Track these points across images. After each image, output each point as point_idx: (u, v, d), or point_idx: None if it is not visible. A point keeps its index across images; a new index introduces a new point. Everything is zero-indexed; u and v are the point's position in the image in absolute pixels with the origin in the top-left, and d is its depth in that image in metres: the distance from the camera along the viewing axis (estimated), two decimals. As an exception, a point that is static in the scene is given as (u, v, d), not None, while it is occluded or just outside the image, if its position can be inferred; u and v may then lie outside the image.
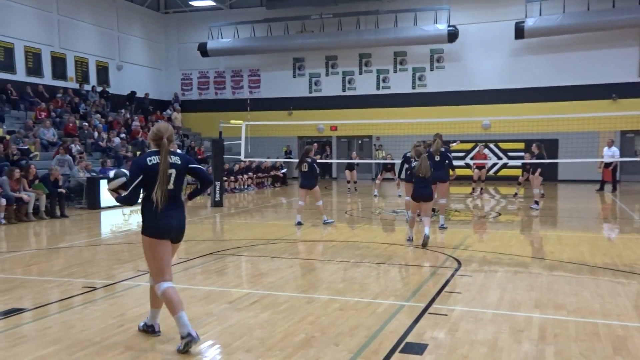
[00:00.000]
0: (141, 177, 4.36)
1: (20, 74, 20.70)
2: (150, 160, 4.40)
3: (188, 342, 4.22)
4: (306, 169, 11.36)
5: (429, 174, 8.90)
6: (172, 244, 4.57)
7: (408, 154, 11.47)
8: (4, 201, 11.88)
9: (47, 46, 22.04)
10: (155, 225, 4.41)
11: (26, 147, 15.63)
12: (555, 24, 22.63)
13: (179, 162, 4.49)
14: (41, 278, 6.96)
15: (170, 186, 4.43)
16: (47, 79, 21.90)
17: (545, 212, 13.72)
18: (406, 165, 11.06)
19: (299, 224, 11.38)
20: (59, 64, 22.61)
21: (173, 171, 4.43)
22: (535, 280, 6.72)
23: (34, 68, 21.46)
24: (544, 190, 15.85)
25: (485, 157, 19.85)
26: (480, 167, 18.65)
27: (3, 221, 11.85)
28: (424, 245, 8.75)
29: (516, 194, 17.75)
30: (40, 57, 21.77)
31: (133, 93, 25.48)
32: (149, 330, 4.72)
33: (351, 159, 19.98)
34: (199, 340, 4.31)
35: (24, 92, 19.88)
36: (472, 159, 19.94)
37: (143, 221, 4.47)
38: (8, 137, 16.16)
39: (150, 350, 4.35)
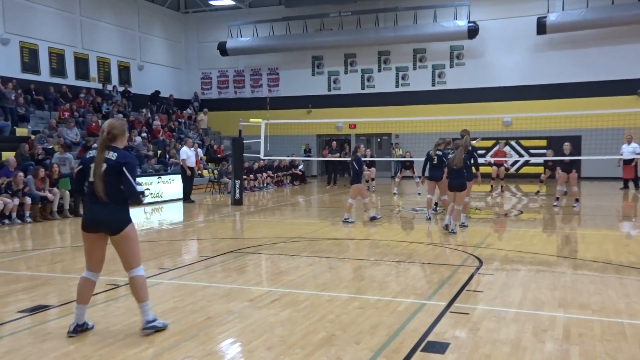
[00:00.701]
0: (80, 167, 4.67)
1: (45, 75, 21.08)
2: (89, 153, 4.66)
3: (72, 336, 4.55)
4: (437, 162, 11.37)
5: (460, 165, 9.62)
6: (110, 236, 4.61)
7: (431, 152, 11.41)
8: (29, 200, 12.11)
9: (70, 47, 22.40)
10: (83, 217, 4.72)
11: (50, 147, 15.91)
12: (579, 19, 22.24)
13: (113, 159, 4.48)
14: (65, 275, 7.08)
15: (99, 181, 4.43)
16: (71, 79, 22.27)
17: (569, 210, 13.50)
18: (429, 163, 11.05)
19: (373, 218, 11.55)
20: (81, 64, 22.97)
21: (104, 166, 4.44)
22: (559, 279, 6.62)
23: (58, 69, 21.84)
24: (567, 189, 15.59)
25: (504, 155, 19.57)
26: (498, 165, 18.40)
27: (29, 219, 12.08)
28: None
29: (538, 191, 17.51)
30: (64, 58, 22.14)
31: (157, 92, 25.76)
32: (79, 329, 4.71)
33: (365, 156, 19.83)
34: (74, 335, 4.56)
35: (48, 93, 20.23)
36: (491, 156, 19.68)
37: None
38: (33, 137, 16.47)
39: (173, 347, 4.40)
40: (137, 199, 4.63)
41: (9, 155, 13.88)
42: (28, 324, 5.06)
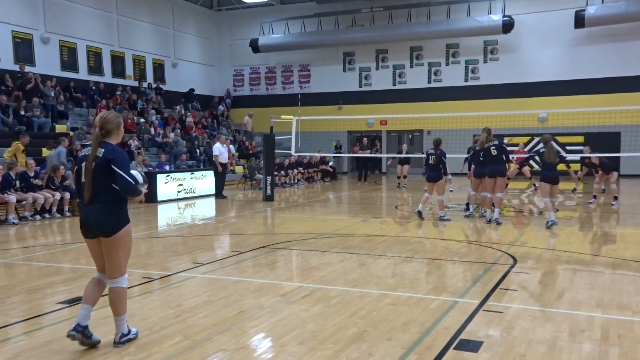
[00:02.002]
0: (76, 167, 4.39)
1: (83, 73, 21.65)
2: (83, 151, 4.39)
3: (71, 334, 4.19)
4: (433, 162, 11.22)
5: (556, 160, 9.81)
6: (103, 238, 4.25)
7: (477, 148, 11.23)
8: (67, 194, 12.47)
9: (107, 45, 22.95)
10: (79, 219, 4.39)
11: (88, 143, 16.32)
12: (619, 12, 21.57)
13: (100, 156, 4.18)
14: (103, 268, 7.25)
15: (88, 180, 4.18)
16: (107, 77, 22.81)
17: (607, 208, 13.13)
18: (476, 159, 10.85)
19: (419, 212, 11.38)
20: (118, 62, 23.50)
21: (93, 165, 4.17)
22: (597, 278, 6.45)
23: (95, 67, 22.39)
24: (605, 186, 15.15)
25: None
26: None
27: (68, 214, 12.44)
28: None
29: (575, 189, 17.07)
30: (101, 56, 22.70)
31: (191, 90, 26.14)
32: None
33: (401, 152, 19.66)
34: (73, 333, 4.19)
35: (87, 89, 20.75)
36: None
37: None
38: (72, 133, 16.94)
39: (207, 340, 4.46)
40: (134, 191, 4.23)
41: (49, 152, 14.30)
42: (67, 315, 5.21)
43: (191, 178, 16.77)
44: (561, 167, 10.37)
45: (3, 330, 4.78)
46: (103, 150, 4.20)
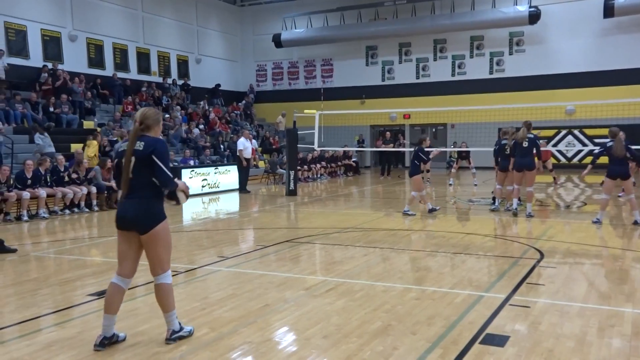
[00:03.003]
0: (116, 161, 4.32)
1: (109, 70, 22.00)
2: (121, 147, 4.35)
3: (98, 349, 4.14)
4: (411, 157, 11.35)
5: (623, 153, 9.32)
6: (140, 235, 4.16)
7: (503, 142, 11.09)
8: (94, 189, 12.71)
9: (132, 42, 23.28)
10: (116, 213, 4.27)
11: (115, 139, 16.60)
12: (650, 0, 20.96)
13: (141, 149, 4.08)
14: (130, 261, 7.39)
15: (130, 174, 4.09)
16: (133, 73, 23.14)
17: (637, 201, 12.80)
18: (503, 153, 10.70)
19: (432, 210, 11.36)
20: (143, 59, 23.82)
21: (133, 159, 4.09)
22: (627, 273, 6.32)
23: (121, 63, 22.73)
24: (635, 179, 14.79)
25: (548, 153, 18.10)
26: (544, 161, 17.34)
27: (96, 208, 12.69)
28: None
29: (603, 182, 16.68)
30: (127, 53, 23.03)
31: (217, 86, 26.34)
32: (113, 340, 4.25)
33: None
34: (100, 349, 4.13)
35: (114, 85, 21.09)
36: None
37: None
38: (99, 129, 17.24)
39: (233, 332, 4.51)
40: (171, 184, 4.12)
41: (77, 147, 14.59)
42: (96, 307, 5.32)
43: (215, 173, 16.92)
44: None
45: (35, 322, 4.91)
46: (143, 143, 4.12)
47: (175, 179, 4.20)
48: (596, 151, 10.03)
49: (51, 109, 17.11)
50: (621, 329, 4.46)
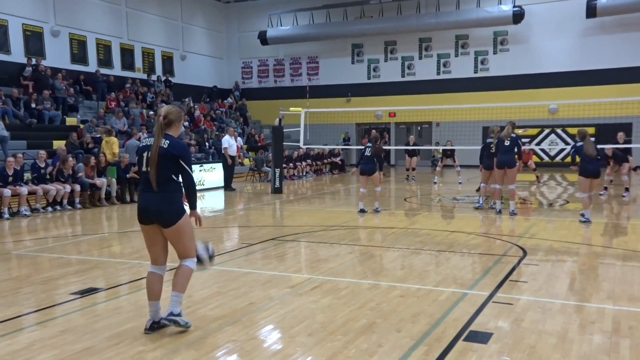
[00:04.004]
0: (138, 156, 4.49)
1: (93, 66, 21.72)
2: (144, 141, 4.49)
3: (148, 333, 4.36)
4: (369, 154, 11.16)
5: (595, 153, 9.56)
6: (163, 229, 4.36)
7: (488, 141, 11.17)
8: (78, 187, 12.57)
9: (116, 38, 23.02)
10: (137, 207, 4.44)
11: (98, 136, 16.41)
12: (632, 1, 21.29)
13: (165, 147, 4.29)
14: (114, 260, 7.33)
15: (153, 169, 4.27)
16: (117, 69, 22.88)
17: (618, 199, 13.03)
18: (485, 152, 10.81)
19: (362, 211, 11.32)
20: (127, 55, 23.57)
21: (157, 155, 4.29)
22: (608, 270, 6.42)
23: (105, 59, 22.47)
24: (612, 177, 15.02)
25: (529, 155, 18.13)
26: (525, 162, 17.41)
27: (78, 206, 12.55)
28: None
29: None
30: (111, 49, 22.77)
31: (214, 87, 26.38)
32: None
33: (408, 144, 19.55)
34: (150, 332, 4.36)
35: (97, 82, 20.82)
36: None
37: None
38: (82, 126, 17.04)
39: (217, 330, 4.50)
40: (194, 188, 4.43)
41: (59, 144, 14.41)
42: (79, 305, 5.27)
43: (200, 170, 16.82)
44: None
45: (17, 321, 4.84)
46: (168, 142, 4.32)
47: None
48: (568, 151, 10.21)
49: (33, 105, 16.85)
50: (602, 325, 4.53)
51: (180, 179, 4.39)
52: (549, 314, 4.82)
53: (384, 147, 23.08)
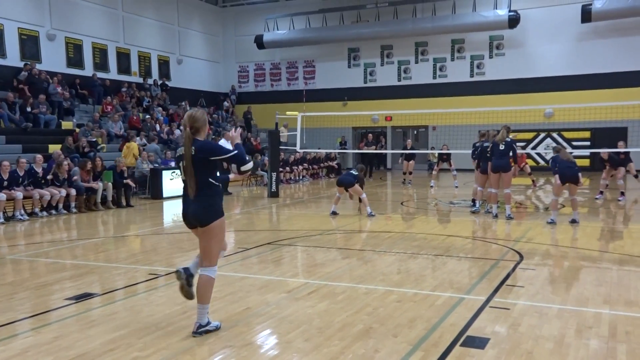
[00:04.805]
0: (176, 165, 4.66)
1: (89, 69, 21.69)
2: (178, 151, 4.61)
3: (179, 271, 4.59)
4: (355, 173, 11.64)
5: (571, 158, 10.01)
6: (200, 227, 4.50)
7: (477, 144, 11.22)
8: (73, 191, 12.51)
9: (112, 42, 22.99)
10: (182, 211, 4.63)
11: (94, 140, 16.38)
12: (626, 6, 21.41)
13: (194, 153, 4.37)
14: (109, 265, 7.30)
15: (190, 177, 4.41)
16: (113, 73, 22.85)
17: (614, 204, 13.06)
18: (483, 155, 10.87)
19: (333, 213, 11.55)
20: (123, 59, 23.54)
21: (191, 162, 4.40)
22: (604, 275, 6.43)
23: (101, 63, 22.44)
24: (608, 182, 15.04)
25: (524, 159, 18.10)
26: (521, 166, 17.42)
27: (74, 210, 12.49)
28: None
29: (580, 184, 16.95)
30: (107, 53, 22.74)
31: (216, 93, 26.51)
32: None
33: (405, 147, 19.57)
34: (179, 272, 4.56)
35: (93, 85, 20.79)
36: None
37: None
38: (77, 130, 16.99)
39: (214, 336, 4.47)
40: (244, 161, 4.47)
41: (55, 148, 14.36)
42: (74, 311, 5.24)
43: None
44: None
45: (11, 326, 4.81)
46: (194, 147, 4.40)
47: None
48: (554, 169, 10.09)
49: (28, 109, 16.80)
50: (599, 330, 4.53)
51: (218, 182, 4.50)
52: (546, 318, 4.82)
53: (380, 151, 23.19)
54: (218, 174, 4.55)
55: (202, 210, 4.44)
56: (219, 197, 4.55)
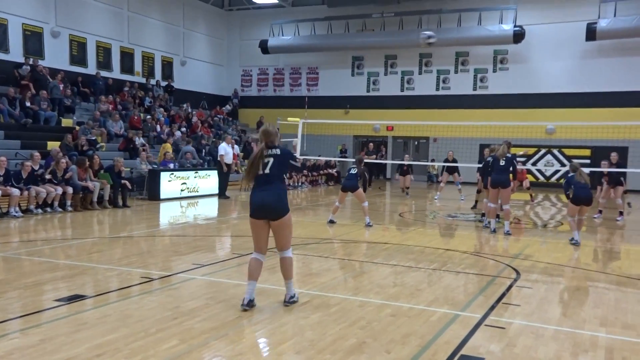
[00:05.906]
0: (250, 163, 5.43)
1: (92, 68, 21.66)
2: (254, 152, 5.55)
3: (245, 309, 5.24)
4: (354, 172, 11.59)
5: (587, 179, 9.70)
6: (271, 221, 5.28)
7: (489, 159, 11.23)
8: (70, 189, 12.44)
9: (117, 41, 22.97)
10: (252, 205, 5.34)
11: (94, 138, 16.32)
12: (631, 26, 21.42)
13: (279, 154, 5.34)
14: (102, 266, 7.21)
15: (267, 171, 5.28)
16: (116, 72, 22.83)
17: (612, 223, 13.00)
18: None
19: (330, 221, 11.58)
20: (127, 58, 23.52)
21: (270, 159, 5.30)
22: (601, 296, 6.35)
23: (104, 62, 22.42)
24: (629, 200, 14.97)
25: (524, 175, 17.98)
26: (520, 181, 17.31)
27: (70, 209, 12.41)
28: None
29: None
30: (110, 52, 22.72)
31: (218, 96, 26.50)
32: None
33: (403, 161, 19.44)
34: (247, 309, 5.21)
35: (95, 84, 20.75)
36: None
37: None
38: (77, 127, 16.93)
39: (203, 345, 4.40)
40: (299, 168, 5.34)
41: (54, 145, 14.30)
42: (64, 313, 5.16)
43: (195, 177, 16.73)
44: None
45: (-2, 327, 4.73)
46: (279, 149, 5.39)
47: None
48: (567, 191, 10.02)
49: (28, 104, 16.72)
50: (595, 354, 4.46)
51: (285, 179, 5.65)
52: (542, 340, 4.75)
53: (379, 161, 23.13)
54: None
55: (277, 203, 5.25)
56: (287, 193, 5.50)
